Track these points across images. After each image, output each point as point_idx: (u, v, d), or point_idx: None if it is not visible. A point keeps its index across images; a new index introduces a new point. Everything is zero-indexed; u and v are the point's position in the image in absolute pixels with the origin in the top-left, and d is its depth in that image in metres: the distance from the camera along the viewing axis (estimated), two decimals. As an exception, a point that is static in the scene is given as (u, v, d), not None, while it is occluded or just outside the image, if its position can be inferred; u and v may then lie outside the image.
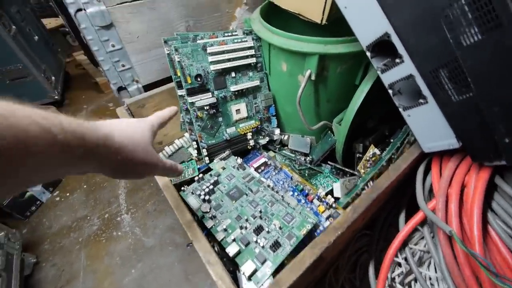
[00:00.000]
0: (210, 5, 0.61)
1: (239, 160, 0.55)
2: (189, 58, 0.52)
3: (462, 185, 0.37)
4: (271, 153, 0.66)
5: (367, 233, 0.60)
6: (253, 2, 0.67)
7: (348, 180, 0.56)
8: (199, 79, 0.54)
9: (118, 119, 0.27)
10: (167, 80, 0.64)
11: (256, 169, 0.56)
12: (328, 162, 0.61)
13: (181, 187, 0.52)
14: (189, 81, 0.52)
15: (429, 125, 0.38)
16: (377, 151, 0.57)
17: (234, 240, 0.40)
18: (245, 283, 0.37)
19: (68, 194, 1.14)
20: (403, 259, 0.40)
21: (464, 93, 0.32)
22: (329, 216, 0.45)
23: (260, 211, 0.44)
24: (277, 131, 0.66)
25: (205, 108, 0.55)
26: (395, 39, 0.35)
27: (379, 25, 0.36)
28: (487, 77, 0.29)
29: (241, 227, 0.42)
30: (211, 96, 0.55)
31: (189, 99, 0.53)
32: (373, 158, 0.56)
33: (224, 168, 0.54)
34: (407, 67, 0.36)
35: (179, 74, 0.52)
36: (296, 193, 0.49)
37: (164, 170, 0.30)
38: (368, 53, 0.40)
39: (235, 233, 0.41)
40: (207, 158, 0.58)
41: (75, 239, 0.98)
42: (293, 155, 0.66)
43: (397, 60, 0.36)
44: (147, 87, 0.62)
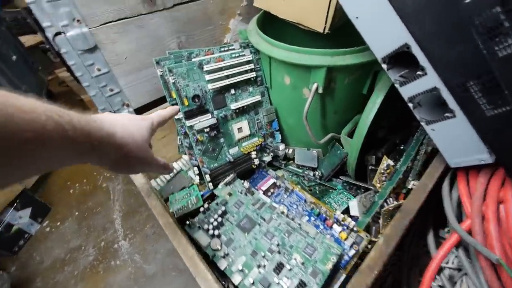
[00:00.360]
0: (203, 18, 0.57)
1: (246, 184, 0.51)
2: (184, 79, 0.47)
3: (498, 202, 0.34)
4: (279, 171, 0.62)
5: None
6: (247, 12, 0.63)
7: (364, 196, 0.53)
8: (197, 100, 0.49)
9: (121, 115, 0.28)
10: (160, 100, 0.59)
11: (265, 191, 0.52)
12: (340, 177, 0.58)
13: (185, 220, 0.47)
14: (186, 103, 0.48)
15: (457, 140, 0.35)
16: (391, 162, 0.54)
17: (253, 283, 0.35)
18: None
19: (58, 224, 1.06)
20: (438, 286, 0.37)
21: (500, 106, 0.29)
22: (353, 243, 0.41)
23: (278, 244, 0.40)
24: (282, 146, 0.62)
25: (205, 130, 0.51)
26: (416, 50, 0.32)
27: (397, 36, 0.33)
28: (528, 89, 0.26)
29: (258, 266, 0.38)
30: (210, 117, 0.51)
31: (187, 123, 0.49)
32: (387, 171, 0.53)
33: (230, 194, 0.50)
34: (430, 80, 0.33)
35: (174, 96, 0.47)
36: (313, 218, 0.45)
37: (158, 168, 0.33)
38: (384, 65, 0.36)
39: (252, 274, 0.37)
40: (210, 184, 0.53)
41: (69, 273, 0.91)
42: (300, 170, 0.62)
43: (419, 73, 0.33)
44: (139, 111, 0.57)
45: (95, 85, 0.48)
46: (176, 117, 0.50)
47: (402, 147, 0.62)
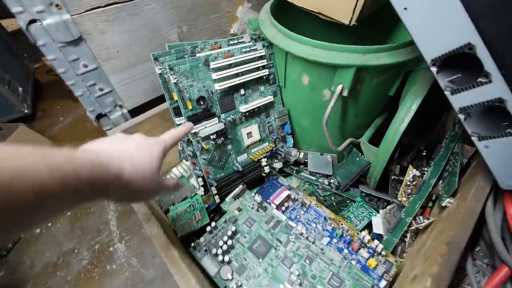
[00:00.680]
0: (207, 5, 0.49)
1: (258, 197, 0.45)
2: (188, 78, 0.40)
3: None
4: (290, 178, 0.56)
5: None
6: (257, -1, 0.55)
7: (389, 211, 0.48)
8: (202, 103, 0.42)
9: (131, 141, 0.26)
10: (158, 100, 0.52)
11: (279, 206, 0.46)
12: (359, 186, 0.52)
13: (189, 240, 0.42)
14: (189, 107, 0.41)
15: (518, 161, 0.29)
16: (417, 173, 0.49)
17: (273, 326, 0.30)
18: None
19: (49, 225, 1.00)
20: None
21: None
22: (384, 272, 0.36)
23: (298, 274, 0.35)
24: (294, 151, 0.56)
25: (212, 137, 0.44)
26: (482, 53, 0.26)
27: (458, 34, 0.26)
28: None
29: (277, 302, 0.33)
30: (217, 121, 0.45)
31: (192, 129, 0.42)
32: (414, 182, 0.48)
33: (240, 210, 0.44)
34: (495, 89, 0.27)
35: (176, 98, 0.41)
36: (335, 240, 0.40)
37: (167, 191, 0.31)
38: (434, 68, 0.30)
39: (271, 312, 0.32)
40: (217, 197, 0.47)
41: (62, 278, 0.86)
42: (314, 178, 0.56)
43: (482, 80, 0.27)
44: (134, 112, 0.50)
45: (81, 84, 0.41)
46: (178, 122, 0.43)
47: (424, 153, 0.56)
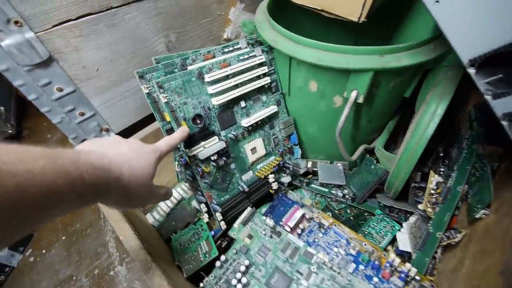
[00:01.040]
0: (197, 9, 0.43)
1: (269, 221, 0.40)
2: (180, 95, 0.35)
3: None
4: (305, 198, 0.51)
5: None
6: (250, -1, 0.50)
7: (414, 224, 0.43)
8: (198, 121, 0.37)
9: (130, 146, 0.26)
10: (149, 118, 0.46)
11: (293, 228, 0.42)
12: (377, 196, 0.48)
13: (197, 279, 0.37)
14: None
15: None
16: (439, 179, 0.44)
17: None
18: None
19: (44, 251, 0.94)
20: None
21: None
22: (422, 304, 0.32)
23: (326, 315, 0.30)
24: (303, 163, 0.52)
25: (212, 158, 0.39)
26: (539, 50, 0.21)
27: (505, 29, 0.22)
28: None
29: None
30: (217, 140, 0.39)
31: (189, 152, 0.37)
32: (437, 190, 0.43)
33: (251, 237, 0.40)
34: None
35: (168, 119, 0.35)
36: (361, 267, 0.36)
37: (159, 200, 0.32)
38: (472, 70, 0.25)
39: None
40: (223, 223, 0.42)
41: (62, 309, 0.81)
42: (326, 189, 0.52)
43: (536, 83, 0.23)
44: (123, 134, 0.44)
45: (58, 110, 0.35)
46: (173, 145, 0.38)
47: (441, 154, 0.52)
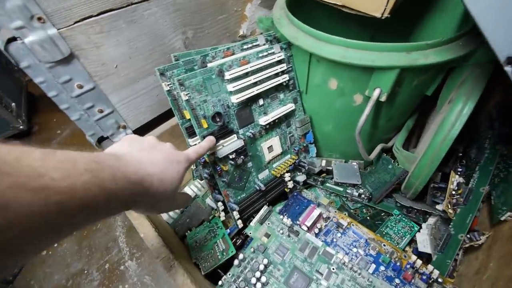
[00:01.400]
0: (214, 5, 0.42)
1: (287, 220, 0.40)
2: (200, 92, 0.35)
3: None
4: (321, 197, 0.51)
5: None
6: (267, -6, 0.49)
7: (434, 225, 0.43)
8: (218, 119, 0.37)
9: (159, 156, 0.25)
10: (166, 115, 0.46)
11: (310, 227, 0.41)
12: (394, 196, 0.47)
13: (213, 276, 0.37)
14: (204, 125, 0.36)
15: None
16: (460, 179, 0.44)
17: None
18: None
19: (56, 245, 0.96)
20: None
21: None
22: (446, 307, 0.31)
23: (348, 317, 0.30)
24: (319, 162, 0.51)
25: (231, 157, 0.39)
26: None
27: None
28: None
29: None
30: (236, 138, 0.39)
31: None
32: (459, 191, 0.43)
33: (268, 236, 0.39)
34: None
35: (188, 117, 0.35)
36: (382, 268, 0.35)
37: (179, 207, 0.32)
38: (509, 67, 0.25)
39: None
40: (239, 222, 0.42)
41: (74, 302, 0.82)
42: (341, 189, 0.51)
43: None
44: (139, 131, 0.44)
45: (77, 107, 0.35)
46: (192, 143, 0.38)
47: (460, 154, 0.51)
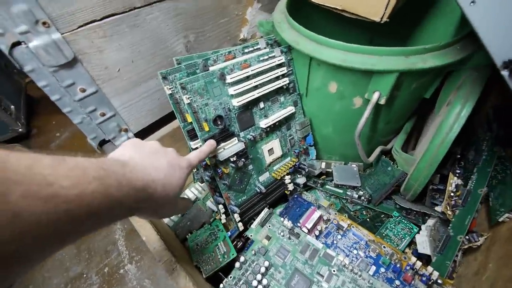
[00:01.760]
0: (215, 9, 0.43)
1: (287, 222, 0.40)
2: (202, 96, 0.35)
3: None
4: (321, 199, 0.51)
5: None
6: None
7: (433, 226, 0.43)
8: (219, 122, 0.37)
9: (163, 161, 0.25)
10: (167, 118, 0.46)
11: (311, 229, 0.41)
12: (393, 198, 0.48)
13: (215, 279, 0.37)
14: (206, 128, 0.36)
15: None
16: (459, 181, 0.44)
17: None
18: None
19: (54, 249, 0.96)
20: None
21: None
22: (446, 309, 0.31)
23: (349, 318, 0.30)
24: (319, 164, 0.51)
25: (232, 159, 0.39)
26: None
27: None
28: None
29: None
30: (237, 141, 0.39)
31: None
32: (457, 193, 0.43)
33: (269, 238, 0.40)
34: None
35: (190, 120, 0.35)
36: (382, 269, 0.36)
37: (179, 212, 0.34)
38: (505, 72, 0.25)
39: None
40: (240, 224, 0.42)
41: (73, 306, 0.82)
42: (341, 191, 0.51)
43: None
44: (140, 134, 0.45)
45: (80, 110, 0.35)
46: (193, 146, 0.38)
47: (458, 156, 0.52)
